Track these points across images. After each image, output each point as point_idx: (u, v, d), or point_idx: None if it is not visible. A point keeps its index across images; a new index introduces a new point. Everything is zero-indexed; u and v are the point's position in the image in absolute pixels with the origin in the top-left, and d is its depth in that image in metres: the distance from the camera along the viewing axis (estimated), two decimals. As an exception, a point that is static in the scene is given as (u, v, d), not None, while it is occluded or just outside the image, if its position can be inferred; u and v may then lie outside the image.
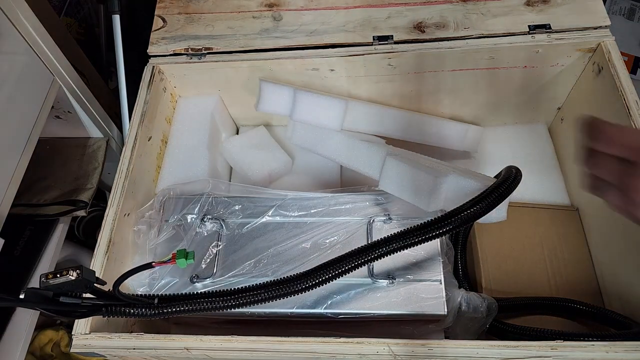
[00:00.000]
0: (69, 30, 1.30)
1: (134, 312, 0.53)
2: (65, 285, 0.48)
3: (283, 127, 1.09)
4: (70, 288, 0.49)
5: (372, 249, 0.58)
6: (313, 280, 0.57)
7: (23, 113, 0.83)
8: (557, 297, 0.81)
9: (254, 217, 0.78)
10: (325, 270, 0.58)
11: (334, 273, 0.58)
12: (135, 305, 0.53)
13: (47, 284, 0.48)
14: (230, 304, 0.55)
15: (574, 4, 0.88)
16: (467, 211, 0.58)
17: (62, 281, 0.48)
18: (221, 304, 0.54)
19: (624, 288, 0.78)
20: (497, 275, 0.84)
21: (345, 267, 0.58)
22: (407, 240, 0.58)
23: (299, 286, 0.57)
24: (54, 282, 0.48)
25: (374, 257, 0.58)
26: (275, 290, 0.56)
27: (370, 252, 0.58)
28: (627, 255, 0.78)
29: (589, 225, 0.89)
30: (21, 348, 0.87)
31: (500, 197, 0.60)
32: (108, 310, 0.52)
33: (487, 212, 0.59)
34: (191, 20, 0.96)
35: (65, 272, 0.48)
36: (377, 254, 0.58)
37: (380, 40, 0.89)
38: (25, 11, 0.80)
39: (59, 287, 0.48)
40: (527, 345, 0.59)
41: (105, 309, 0.52)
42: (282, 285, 0.57)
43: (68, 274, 0.48)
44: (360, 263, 0.58)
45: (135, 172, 0.80)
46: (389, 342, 0.60)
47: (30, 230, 0.95)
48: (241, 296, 0.55)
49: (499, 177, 0.66)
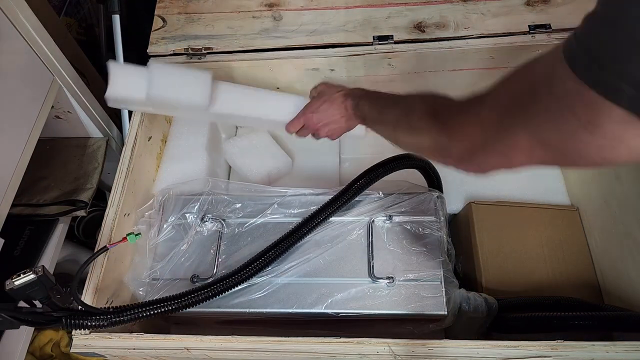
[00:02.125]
0: (69, 30, 1.30)
1: (91, 324, 0.56)
2: (29, 287, 0.51)
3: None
4: (33, 292, 0.52)
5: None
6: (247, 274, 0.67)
7: (23, 113, 0.83)
8: (558, 296, 0.80)
9: (255, 216, 0.78)
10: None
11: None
12: (92, 315, 0.57)
13: (12, 285, 0.50)
14: (174, 307, 0.62)
15: (574, 4, 0.88)
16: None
17: (25, 280, 0.51)
18: (166, 308, 0.61)
19: (624, 287, 0.78)
20: (497, 275, 0.84)
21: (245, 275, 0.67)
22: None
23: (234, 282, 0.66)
24: (18, 282, 0.51)
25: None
26: (212, 290, 0.64)
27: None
28: (627, 255, 0.78)
29: (589, 225, 0.89)
30: (21, 348, 0.87)
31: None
32: (67, 323, 0.56)
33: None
34: (191, 20, 0.96)
35: (28, 271, 0.51)
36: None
37: (380, 40, 0.89)
38: (25, 11, 0.80)
39: (23, 291, 0.51)
40: (527, 345, 0.59)
41: (65, 321, 0.55)
42: (216, 285, 0.65)
43: (30, 272, 0.51)
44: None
45: (135, 172, 0.80)
46: (389, 342, 0.60)
47: (30, 230, 0.95)
48: (183, 299, 0.62)
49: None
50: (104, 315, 0.57)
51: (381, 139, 0.62)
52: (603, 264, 0.84)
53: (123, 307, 0.59)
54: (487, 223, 0.89)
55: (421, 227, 0.74)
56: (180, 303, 0.62)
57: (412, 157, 0.77)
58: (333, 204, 0.73)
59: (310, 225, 0.72)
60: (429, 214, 0.75)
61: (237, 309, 0.70)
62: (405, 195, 0.77)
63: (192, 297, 0.63)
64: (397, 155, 0.76)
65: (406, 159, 0.77)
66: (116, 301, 0.73)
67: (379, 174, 0.75)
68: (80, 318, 0.56)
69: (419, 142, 0.54)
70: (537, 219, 0.90)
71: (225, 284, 0.66)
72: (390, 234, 0.75)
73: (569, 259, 0.86)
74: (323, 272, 0.72)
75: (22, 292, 0.52)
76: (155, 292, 0.73)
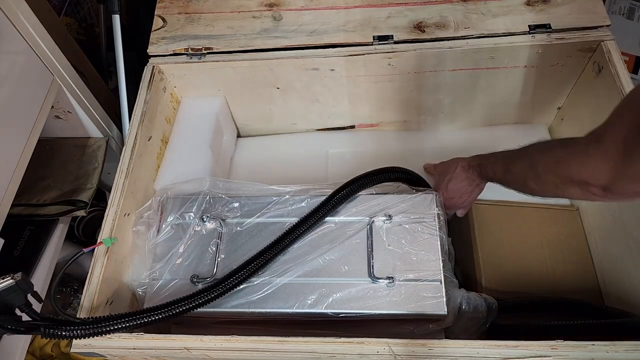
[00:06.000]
0: (69, 30, 1.30)
1: (70, 334, 0.57)
2: (7, 292, 0.52)
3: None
4: (11, 298, 0.53)
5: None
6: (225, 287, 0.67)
7: (23, 113, 0.83)
8: (558, 296, 0.80)
9: (253, 215, 0.78)
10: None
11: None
12: (72, 325, 0.58)
13: None
14: (152, 319, 0.62)
15: (574, 4, 0.88)
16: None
17: (3, 285, 0.52)
18: (145, 319, 0.62)
19: (624, 287, 0.78)
20: (497, 275, 0.84)
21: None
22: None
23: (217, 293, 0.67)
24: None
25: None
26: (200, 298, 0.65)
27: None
28: (627, 254, 0.78)
29: (589, 225, 0.89)
30: (21, 348, 0.87)
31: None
32: (46, 332, 0.57)
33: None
34: (191, 20, 0.96)
35: (7, 275, 0.52)
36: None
37: (381, 40, 0.89)
38: (25, 11, 0.80)
39: (2, 297, 0.52)
40: (527, 345, 0.59)
41: (44, 330, 0.56)
42: (202, 294, 0.66)
43: (8, 277, 0.52)
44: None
45: (135, 172, 0.80)
46: (390, 342, 0.60)
47: (30, 230, 0.95)
48: (164, 310, 0.63)
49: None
50: (83, 326, 0.58)
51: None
52: (603, 264, 0.84)
53: (102, 318, 0.61)
54: (487, 223, 0.89)
55: (421, 227, 0.74)
56: (165, 312, 0.63)
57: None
58: (351, 185, 0.76)
59: (322, 212, 0.74)
60: (429, 214, 0.75)
61: (237, 309, 0.70)
62: (405, 195, 0.77)
63: (176, 306, 0.64)
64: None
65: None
66: (116, 301, 0.73)
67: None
68: (58, 328, 0.57)
69: (555, 191, 0.60)
70: (537, 219, 0.90)
71: (208, 294, 0.67)
72: (390, 234, 0.74)
73: (569, 259, 0.86)
74: (323, 272, 0.72)
75: (1, 298, 0.52)
76: (155, 292, 0.73)
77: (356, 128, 1.10)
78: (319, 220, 0.75)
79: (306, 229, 0.74)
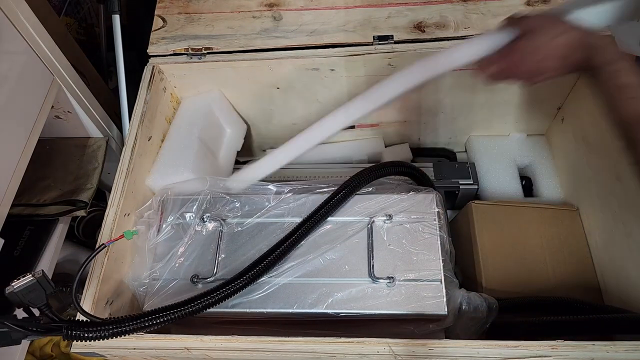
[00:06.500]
0: (69, 30, 1.30)
1: (94, 336, 0.56)
2: (28, 290, 0.51)
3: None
4: (32, 298, 0.52)
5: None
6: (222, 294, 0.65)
7: (23, 113, 0.83)
8: (558, 296, 0.80)
9: (254, 214, 0.78)
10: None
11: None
12: (95, 326, 0.56)
13: (12, 289, 0.50)
14: (175, 317, 0.61)
15: (574, 4, 0.87)
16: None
17: (25, 283, 0.51)
18: (161, 320, 0.60)
19: (624, 287, 0.78)
20: (497, 275, 0.84)
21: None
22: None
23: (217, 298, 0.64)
24: (18, 286, 0.50)
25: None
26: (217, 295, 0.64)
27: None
28: (627, 255, 0.78)
29: (589, 225, 0.89)
30: (21, 348, 0.87)
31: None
32: (68, 334, 0.55)
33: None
34: (191, 20, 0.96)
35: (28, 274, 0.51)
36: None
37: (381, 40, 0.89)
38: (25, 11, 0.80)
39: (23, 295, 0.51)
40: (527, 345, 0.59)
41: (66, 332, 0.55)
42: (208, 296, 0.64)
43: (29, 275, 0.51)
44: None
45: (135, 172, 0.80)
46: (390, 342, 0.60)
47: (30, 230, 0.95)
48: (187, 307, 0.62)
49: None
50: (106, 326, 0.57)
51: None
52: (603, 264, 0.84)
53: (123, 318, 0.59)
54: (487, 223, 0.89)
55: (421, 227, 0.74)
56: (185, 310, 0.62)
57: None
58: (356, 178, 0.76)
59: (329, 207, 0.74)
60: (429, 214, 0.75)
61: (237, 309, 0.70)
62: (406, 195, 0.77)
63: (198, 302, 0.63)
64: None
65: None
66: (116, 301, 0.73)
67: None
68: (82, 329, 0.55)
69: None
70: (537, 219, 0.90)
71: (227, 289, 0.65)
72: (390, 234, 0.74)
73: (569, 258, 0.86)
74: (323, 272, 0.72)
75: (22, 297, 0.51)
76: (156, 292, 0.73)
77: (356, 128, 1.10)
78: (333, 210, 0.75)
79: (323, 216, 0.74)
